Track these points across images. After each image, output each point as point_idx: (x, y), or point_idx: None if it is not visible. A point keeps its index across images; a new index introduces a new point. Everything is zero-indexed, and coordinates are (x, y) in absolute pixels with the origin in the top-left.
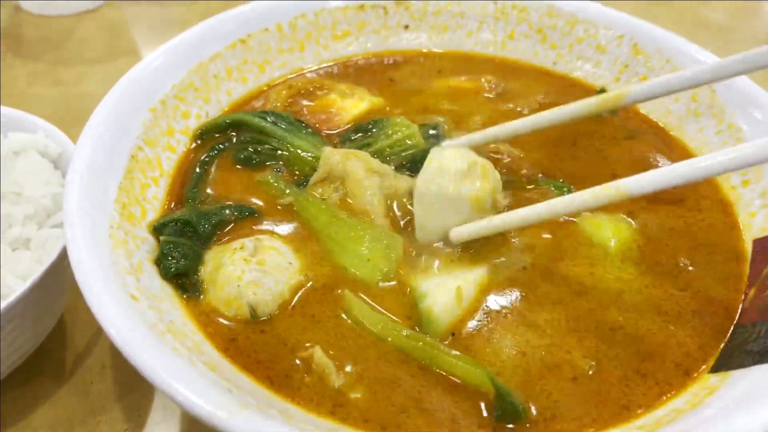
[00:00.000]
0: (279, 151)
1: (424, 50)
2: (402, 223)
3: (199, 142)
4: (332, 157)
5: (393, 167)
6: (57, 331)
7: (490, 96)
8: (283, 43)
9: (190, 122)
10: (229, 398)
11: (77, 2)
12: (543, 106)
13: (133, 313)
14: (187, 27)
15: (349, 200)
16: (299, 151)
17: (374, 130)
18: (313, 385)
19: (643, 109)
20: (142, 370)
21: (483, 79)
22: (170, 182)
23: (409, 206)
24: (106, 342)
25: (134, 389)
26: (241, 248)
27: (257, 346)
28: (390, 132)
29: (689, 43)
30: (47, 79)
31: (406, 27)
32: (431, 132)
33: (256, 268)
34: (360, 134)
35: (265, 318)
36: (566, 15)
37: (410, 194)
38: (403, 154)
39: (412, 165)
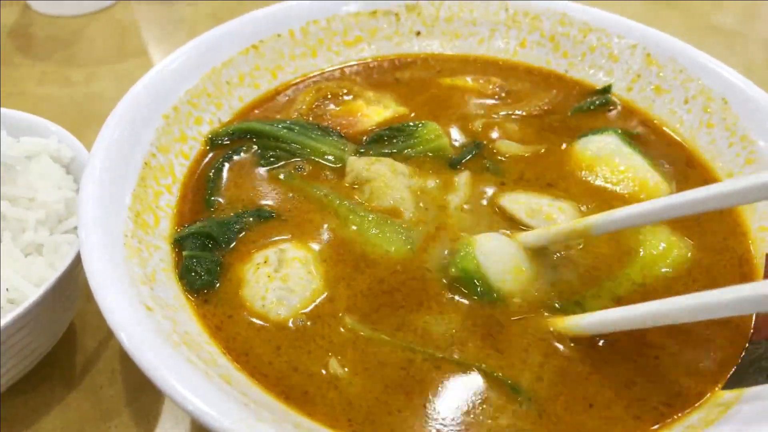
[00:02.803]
0: (297, 155)
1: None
2: (430, 215)
3: (209, 147)
4: (357, 162)
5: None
6: (67, 336)
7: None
8: (295, 49)
9: (202, 128)
10: (246, 412)
11: (86, 2)
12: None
13: (148, 323)
14: (195, 27)
15: (376, 203)
16: (320, 157)
17: (402, 137)
18: (330, 398)
19: (657, 120)
20: (158, 383)
21: (490, 84)
22: (182, 190)
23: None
24: (116, 347)
25: (144, 394)
26: (265, 262)
27: (272, 358)
28: (420, 139)
29: (702, 53)
30: (57, 79)
31: (418, 33)
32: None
33: (280, 286)
34: (386, 140)
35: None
36: (579, 23)
37: (437, 189)
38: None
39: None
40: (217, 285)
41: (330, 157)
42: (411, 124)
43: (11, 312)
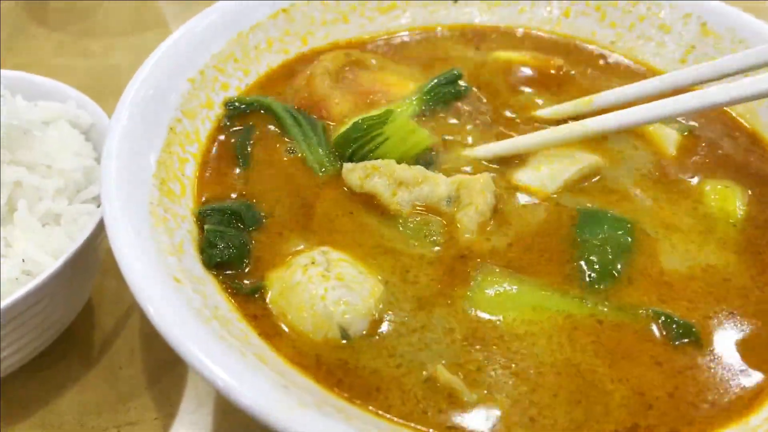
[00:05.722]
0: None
1: (476, 23)
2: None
3: (227, 113)
4: (351, 175)
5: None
6: (84, 312)
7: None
8: (327, 14)
9: (229, 94)
10: (286, 395)
11: None
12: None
13: (177, 297)
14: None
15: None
16: (312, 162)
17: (377, 134)
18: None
19: None
20: (190, 361)
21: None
22: (206, 158)
23: (448, 210)
24: (136, 325)
25: (165, 374)
26: (313, 263)
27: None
28: (396, 135)
29: (764, 22)
30: (74, 50)
31: (456, 1)
32: None
33: (338, 284)
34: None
35: (357, 339)
36: None
37: (447, 199)
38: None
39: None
40: (240, 265)
41: (316, 166)
42: (372, 118)
43: (28, 284)
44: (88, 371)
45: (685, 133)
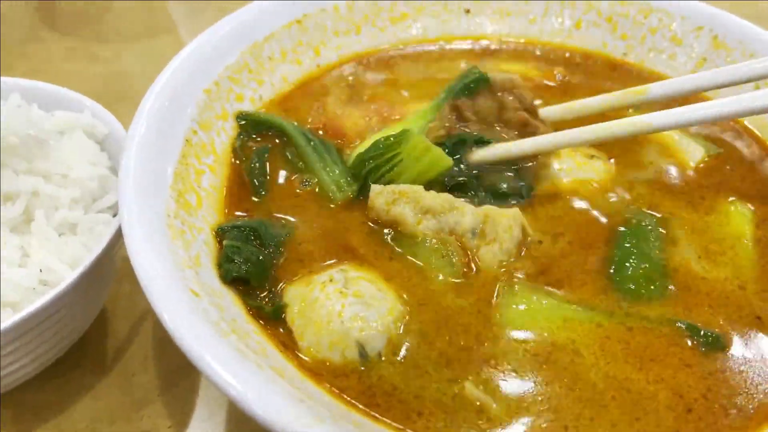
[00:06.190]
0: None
1: (487, 34)
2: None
3: (240, 127)
4: (378, 199)
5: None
6: (98, 319)
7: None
8: (339, 24)
9: (244, 106)
10: (304, 410)
11: None
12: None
13: (196, 311)
14: (224, 4)
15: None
16: (329, 184)
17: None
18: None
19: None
20: (210, 376)
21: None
22: (223, 170)
23: (473, 243)
24: (149, 332)
25: (178, 382)
26: (331, 281)
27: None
28: (411, 155)
29: None
30: (84, 55)
31: (468, 11)
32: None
33: (355, 301)
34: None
35: (374, 358)
36: (639, 3)
37: (472, 231)
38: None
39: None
40: (259, 283)
41: (333, 188)
42: (389, 138)
43: (46, 295)
44: (102, 378)
45: (711, 153)
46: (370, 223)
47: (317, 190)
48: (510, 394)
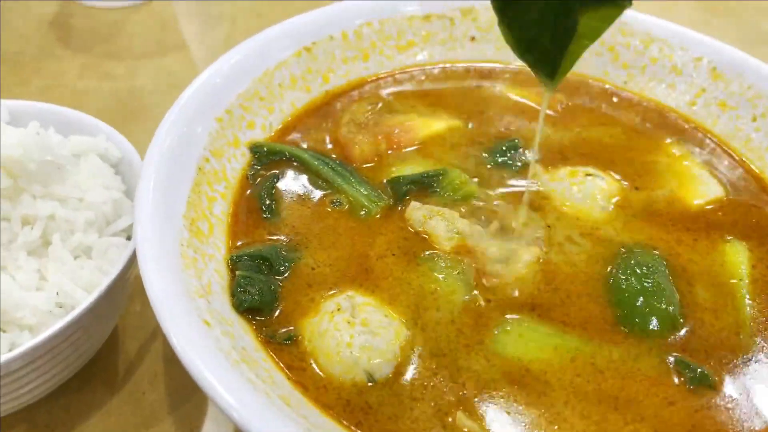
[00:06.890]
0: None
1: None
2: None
3: (253, 158)
4: (416, 212)
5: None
6: (109, 338)
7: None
8: (347, 52)
9: (255, 133)
10: None
11: None
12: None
13: (208, 340)
14: (236, 22)
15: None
16: (363, 201)
17: (435, 185)
18: None
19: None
20: (222, 406)
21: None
22: (234, 197)
23: (494, 278)
24: (159, 350)
25: (187, 400)
26: (339, 310)
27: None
28: (450, 187)
29: None
30: (97, 72)
31: (473, 39)
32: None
33: (362, 330)
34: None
35: (382, 381)
36: (640, 33)
37: (496, 261)
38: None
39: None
40: (269, 311)
41: (365, 202)
42: (431, 173)
43: (63, 318)
44: (112, 396)
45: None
46: (389, 240)
47: (346, 207)
48: (505, 426)
